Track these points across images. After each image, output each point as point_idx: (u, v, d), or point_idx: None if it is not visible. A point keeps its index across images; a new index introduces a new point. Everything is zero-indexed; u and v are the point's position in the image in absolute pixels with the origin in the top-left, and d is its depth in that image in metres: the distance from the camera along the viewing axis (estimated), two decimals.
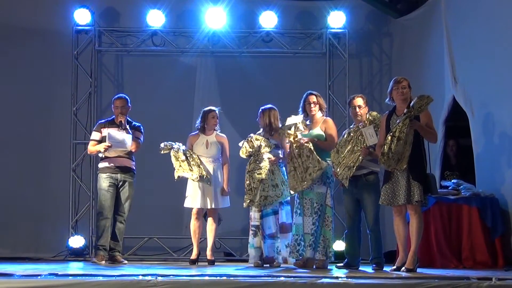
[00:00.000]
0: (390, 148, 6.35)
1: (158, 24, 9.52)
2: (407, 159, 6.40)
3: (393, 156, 6.37)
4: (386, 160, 6.41)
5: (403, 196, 6.45)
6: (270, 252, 7.35)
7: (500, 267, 7.23)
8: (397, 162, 6.42)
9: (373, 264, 6.92)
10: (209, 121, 7.88)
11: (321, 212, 7.03)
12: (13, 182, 9.31)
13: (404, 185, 6.45)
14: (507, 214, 7.48)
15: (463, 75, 8.16)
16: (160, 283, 5.16)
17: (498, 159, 7.60)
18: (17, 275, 5.46)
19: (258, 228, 7.35)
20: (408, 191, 6.44)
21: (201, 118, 7.94)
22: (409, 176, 6.45)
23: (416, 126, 6.40)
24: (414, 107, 6.29)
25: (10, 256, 8.83)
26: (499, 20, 7.57)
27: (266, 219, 7.36)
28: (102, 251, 7.79)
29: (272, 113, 7.57)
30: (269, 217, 7.37)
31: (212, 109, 7.95)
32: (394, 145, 6.34)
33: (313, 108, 7.27)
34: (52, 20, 9.54)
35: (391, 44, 9.99)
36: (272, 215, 7.37)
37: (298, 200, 7.14)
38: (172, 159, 7.73)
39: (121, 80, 9.80)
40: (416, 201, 6.44)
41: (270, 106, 7.63)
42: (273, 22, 9.56)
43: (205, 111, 7.95)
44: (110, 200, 7.81)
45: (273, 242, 7.35)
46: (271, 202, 7.32)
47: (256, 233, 7.34)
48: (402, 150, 6.37)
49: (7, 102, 9.47)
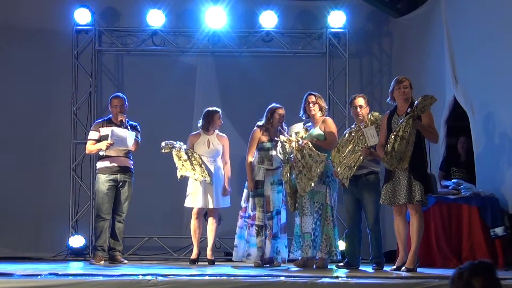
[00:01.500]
0: (393, 147, 6.35)
1: (158, 24, 9.51)
2: (409, 158, 6.40)
3: (396, 155, 6.38)
4: (389, 159, 6.41)
5: (404, 195, 6.44)
6: (271, 253, 7.35)
7: (500, 267, 7.22)
8: (399, 161, 6.41)
9: (373, 263, 6.92)
10: (215, 122, 7.86)
11: (322, 211, 7.03)
12: (13, 181, 9.30)
13: (405, 184, 6.45)
14: (507, 214, 7.47)
15: (463, 74, 8.16)
16: (160, 283, 5.16)
17: (499, 159, 7.60)
18: (17, 275, 5.46)
19: (261, 228, 7.33)
20: (409, 190, 6.44)
21: (206, 118, 7.87)
22: (410, 175, 6.45)
23: (419, 126, 6.39)
24: (418, 107, 6.29)
25: (10, 256, 8.83)
26: (500, 20, 7.57)
27: (274, 219, 7.35)
28: (101, 251, 7.79)
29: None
30: (274, 218, 7.37)
31: (218, 110, 7.93)
32: (397, 145, 6.33)
33: (312, 107, 7.27)
34: (52, 19, 9.53)
35: (391, 44, 9.98)
36: (276, 216, 7.37)
37: (298, 200, 7.14)
38: (174, 158, 7.72)
39: (121, 79, 9.80)
40: (417, 201, 6.44)
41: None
42: (273, 22, 9.56)
43: (211, 111, 7.90)
44: (109, 202, 7.80)
45: (274, 243, 7.36)
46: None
47: (259, 233, 7.33)
48: (404, 149, 6.37)
49: (7, 102, 9.46)
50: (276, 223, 7.36)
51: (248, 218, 7.43)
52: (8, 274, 5.51)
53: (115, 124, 7.86)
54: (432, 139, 6.60)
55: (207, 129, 7.87)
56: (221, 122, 7.93)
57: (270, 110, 7.53)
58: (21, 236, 9.26)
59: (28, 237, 9.27)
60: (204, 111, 7.98)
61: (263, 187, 7.37)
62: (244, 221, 7.49)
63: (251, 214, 7.41)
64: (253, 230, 7.38)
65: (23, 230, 9.28)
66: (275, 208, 7.35)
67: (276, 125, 7.49)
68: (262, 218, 7.34)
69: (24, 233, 9.27)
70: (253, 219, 7.39)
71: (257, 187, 7.39)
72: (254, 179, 7.41)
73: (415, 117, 6.32)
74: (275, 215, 7.35)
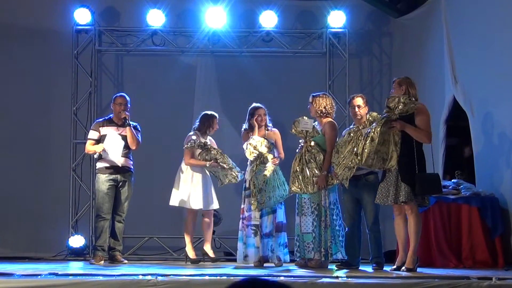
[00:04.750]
0: (363, 149, 6.46)
1: (158, 24, 9.51)
2: (395, 159, 6.45)
3: (373, 156, 6.45)
4: (360, 161, 6.51)
5: (391, 196, 6.49)
6: (265, 251, 7.34)
7: (500, 267, 7.23)
8: (383, 161, 6.47)
9: (373, 263, 6.92)
10: (215, 126, 7.92)
11: (318, 212, 7.04)
12: (13, 181, 9.30)
13: (393, 185, 6.49)
14: (507, 213, 7.48)
15: (463, 74, 8.16)
16: (160, 283, 5.17)
17: (498, 158, 7.60)
18: (17, 275, 5.47)
19: (257, 228, 7.34)
20: (396, 191, 6.46)
21: (206, 122, 7.90)
22: (398, 176, 6.48)
23: (402, 127, 6.45)
24: (392, 109, 6.39)
25: (10, 256, 8.83)
26: (499, 20, 7.58)
27: (263, 218, 7.35)
28: (101, 251, 7.78)
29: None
30: (267, 216, 7.36)
31: (216, 115, 7.96)
32: (367, 146, 6.44)
33: (310, 108, 7.28)
34: (52, 19, 9.53)
35: (391, 43, 9.99)
36: (270, 214, 7.37)
37: (297, 200, 7.16)
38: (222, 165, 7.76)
39: (121, 79, 9.80)
40: (402, 202, 6.46)
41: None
42: (273, 22, 9.55)
43: (212, 115, 7.92)
44: (109, 201, 7.80)
45: (268, 241, 7.35)
46: (276, 203, 7.32)
47: (256, 233, 7.34)
48: (387, 149, 6.45)
49: (7, 102, 9.46)
50: (271, 222, 7.35)
51: (244, 219, 7.44)
52: (8, 274, 5.51)
53: (116, 124, 7.85)
54: (419, 139, 6.53)
55: (205, 133, 7.90)
56: (217, 127, 7.98)
57: (251, 110, 7.57)
58: (21, 236, 9.26)
59: (28, 237, 9.27)
60: (203, 114, 7.99)
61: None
62: (242, 222, 7.49)
63: (246, 215, 7.41)
64: (249, 230, 7.37)
65: (23, 230, 9.28)
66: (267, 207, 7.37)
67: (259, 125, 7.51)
68: (257, 217, 7.33)
69: (24, 233, 9.27)
70: (249, 219, 7.39)
71: (249, 187, 7.40)
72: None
73: (391, 120, 6.43)
74: (265, 214, 7.34)
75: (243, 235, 7.41)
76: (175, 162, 8.05)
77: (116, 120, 7.89)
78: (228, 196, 8.52)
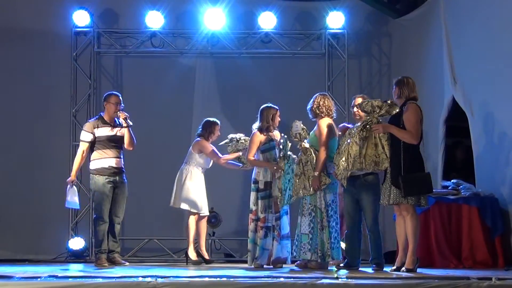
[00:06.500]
0: (349, 153, 6.60)
1: (157, 26, 9.52)
2: (386, 160, 6.52)
3: (361, 160, 6.55)
4: (348, 165, 6.61)
5: (386, 197, 6.57)
6: (284, 253, 7.32)
7: (500, 267, 7.23)
8: (375, 164, 6.55)
9: (373, 264, 6.91)
10: (216, 132, 7.99)
11: (315, 213, 7.03)
12: (12, 183, 9.30)
13: (388, 186, 6.56)
14: (507, 213, 7.47)
15: (462, 75, 8.16)
16: (160, 285, 5.17)
17: (498, 159, 7.60)
18: (17, 277, 5.47)
19: (270, 230, 7.30)
20: (389, 192, 6.53)
21: (208, 128, 7.97)
22: (389, 178, 6.55)
23: (385, 129, 6.53)
24: (370, 113, 6.51)
25: (10, 258, 8.82)
26: (498, 20, 7.57)
27: (282, 219, 7.33)
28: (105, 254, 7.73)
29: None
30: (286, 216, 7.35)
31: (218, 121, 8.03)
32: (352, 151, 6.56)
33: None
34: (51, 21, 9.54)
35: (390, 44, 10.00)
36: (285, 215, 7.36)
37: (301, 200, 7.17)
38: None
39: (120, 81, 9.81)
40: (391, 203, 6.53)
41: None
42: (272, 23, 9.56)
43: (214, 122, 8.01)
44: (109, 204, 7.75)
45: (286, 243, 7.33)
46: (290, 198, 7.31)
47: (267, 235, 7.29)
48: (375, 152, 6.54)
49: (6, 104, 9.47)
50: (287, 223, 7.33)
51: (258, 221, 7.38)
52: (8, 277, 5.51)
53: (109, 124, 7.72)
54: (404, 139, 6.49)
55: (207, 138, 7.93)
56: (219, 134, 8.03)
57: (271, 113, 7.46)
58: (21, 238, 9.26)
59: (28, 240, 9.27)
60: (205, 121, 8.01)
61: (271, 188, 7.35)
62: (255, 224, 7.43)
63: (261, 216, 7.35)
64: (262, 232, 7.32)
65: (23, 233, 9.27)
66: (284, 209, 7.34)
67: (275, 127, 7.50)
68: (270, 219, 7.31)
69: (24, 235, 9.27)
70: (263, 221, 7.35)
71: (265, 189, 7.36)
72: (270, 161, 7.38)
73: (372, 124, 6.52)
74: (283, 215, 7.32)
75: (256, 237, 7.35)
76: (175, 164, 8.05)
77: (108, 119, 7.70)
78: (227, 198, 8.53)
